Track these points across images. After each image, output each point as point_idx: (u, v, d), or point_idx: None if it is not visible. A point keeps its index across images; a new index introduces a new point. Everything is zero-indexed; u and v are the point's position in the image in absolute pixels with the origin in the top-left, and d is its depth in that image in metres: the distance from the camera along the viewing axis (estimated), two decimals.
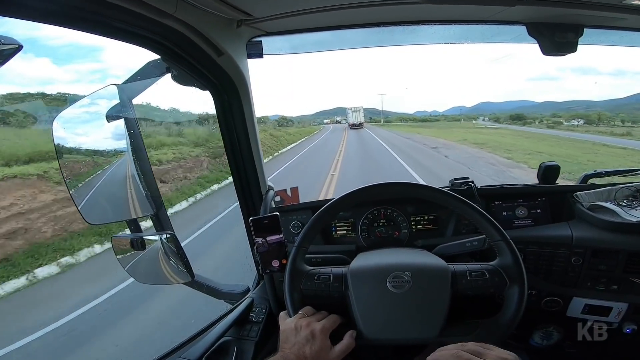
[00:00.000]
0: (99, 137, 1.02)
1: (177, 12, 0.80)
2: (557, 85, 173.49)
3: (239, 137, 1.23)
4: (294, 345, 0.84)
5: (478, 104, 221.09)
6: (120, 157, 1.04)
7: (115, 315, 4.08)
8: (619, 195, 1.28)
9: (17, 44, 0.65)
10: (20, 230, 5.76)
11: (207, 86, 1.11)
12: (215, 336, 1.09)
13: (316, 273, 0.97)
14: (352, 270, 0.96)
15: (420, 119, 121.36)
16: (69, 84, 69.24)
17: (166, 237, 1.10)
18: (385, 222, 1.37)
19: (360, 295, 0.91)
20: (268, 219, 1.08)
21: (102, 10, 0.69)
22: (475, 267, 0.93)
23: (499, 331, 0.86)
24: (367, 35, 1.36)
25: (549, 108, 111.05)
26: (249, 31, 1.15)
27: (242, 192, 1.32)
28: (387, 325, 0.88)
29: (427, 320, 0.87)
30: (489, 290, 0.91)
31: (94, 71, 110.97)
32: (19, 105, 11.45)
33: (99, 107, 0.99)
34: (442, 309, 0.87)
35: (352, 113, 50.30)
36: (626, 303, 1.18)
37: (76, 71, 71.66)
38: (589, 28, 1.21)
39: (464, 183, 1.37)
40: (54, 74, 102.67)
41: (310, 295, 0.96)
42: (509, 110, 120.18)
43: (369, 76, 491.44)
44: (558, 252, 1.21)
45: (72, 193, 0.99)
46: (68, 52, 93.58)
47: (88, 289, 4.73)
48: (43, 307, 4.44)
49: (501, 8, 1.08)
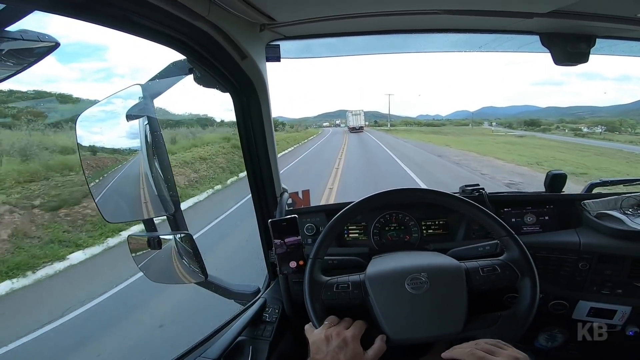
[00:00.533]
0: (121, 136, 1.03)
1: (209, 15, 0.81)
2: (562, 90, 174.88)
3: (257, 139, 1.24)
4: (327, 354, 0.85)
5: (481, 108, 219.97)
6: (138, 156, 1.04)
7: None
8: (624, 204, 1.32)
9: (54, 41, 0.66)
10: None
11: (228, 88, 1.12)
12: (232, 336, 1.10)
13: (334, 282, 0.98)
14: (369, 276, 0.98)
15: (425, 122, 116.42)
16: (74, 82, 68.89)
17: (181, 236, 1.10)
18: (397, 226, 1.39)
19: (381, 299, 0.93)
20: (286, 221, 1.09)
21: (136, 8, 0.70)
22: (486, 262, 0.97)
23: (519, 322, 0.90)
24: (380, 42, 1.38)
25: (553, 113, 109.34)
26: (268, 35, 1.17)
27: (257, 193, 1.32)
28: (411, 326, 0.90)
29: (450, 317, 0.90)
30: (502, 284, 0.95)
31: (99, 70, 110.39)
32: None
33: (122, 106, 1.00)
34: (462, 305, 0.90)
35: (352, 116, 48.91)
36: (630, 306, 1.22)
37: (81, 69, 71.32)
38: (601, 38, 1.24)
39: (474, 190, 1.40)
40: (59, 72, 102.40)
41: (331, 305, 0.97)
42: (513, 115, 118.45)
43: (371, 79, 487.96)
44: (566, 257, 1.25)
45: (91, 189, 0.99)
46: (74, 51, 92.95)
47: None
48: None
49: (518, 20, 1.11)
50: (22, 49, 0.64)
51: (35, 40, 0.64)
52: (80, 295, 4.53)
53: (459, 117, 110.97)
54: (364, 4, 1.03)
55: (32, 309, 4.38)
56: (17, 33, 0.60)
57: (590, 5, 1.02)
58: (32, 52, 0.66)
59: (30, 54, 0.67)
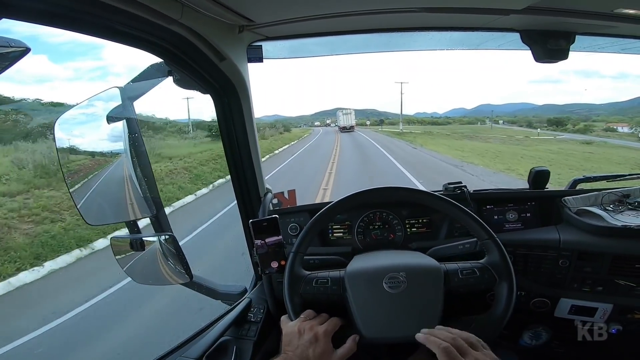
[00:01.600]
0: (101, 139, 1.03)
1: (182, 18, 0.81)
2: (559, 88, 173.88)
3: (239, 139, 1.25)
4: (297, 347, 0.86)
5: (478, 106, 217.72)
6: (120, 159, 1.05)
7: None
8: (605, 200, 1.33)
9: (24, 47, 0.66)
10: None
11: (208, 90, 1.13)
12: (215, 335, 1.11)
13: (314, 277, 0.99)
14: (349, 273, 0.98)
15: (429, 121, 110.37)
16: (69, 81, 68.85)
17: (165, 238, 1.11)
18: (381, 224, 1.40)
19: (358, 297, 0.93)
20: (267, 222, 1.10)
21: (108, 15, 0.70)
22: (466, 265, 0.97)
23: (492, 327, 0.90)
24: (365, 41, 1.39)
25: (550, 111, 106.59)
26: (249, 36, 1.17)
27: (241, 194, 1.33)
28: (385, 325, 0.90)
29: (424, 318, 0.90)
30: (480, 287, 0.96)
31: (95, 69, 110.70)
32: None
33: (101, 109, 1.00)
34: (437, 307, 0.91)
35: (342, 115, 47.31)
36: (611, 304, 1.22)
37: (75, 69, 71.33)
38: (581, 35, 1.25)
39: (457, 187, 1.41)
40: (53, 71, 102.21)
41: (309, 299, 0.98)
42: (511, 112, 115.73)
43: (368, 76, 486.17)
44: (546, 254, 1.26)
45: (72, 192, 0.99)
46: (69, 50, 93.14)
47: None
48: None
49: (496, 17, 1.12)
50: None
51: (6, 45, 0.64)
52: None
53: (457, 114, 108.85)
54: (342, 3, 1.03)
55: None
56: None
57: (565, 1, 1.02)
58: (4, 57, 0.67)
59: (3, 59, 0.67)
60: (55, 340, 3.72)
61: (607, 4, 1.04)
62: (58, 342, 3.72)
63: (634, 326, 1.25)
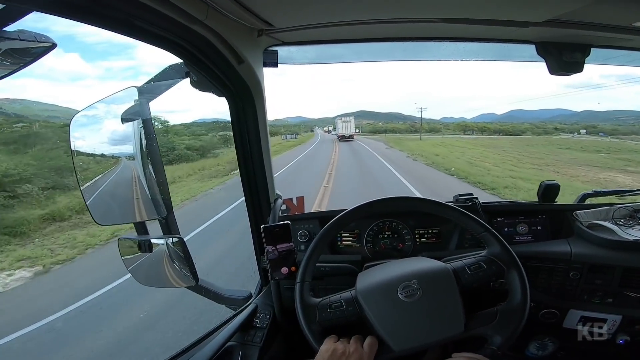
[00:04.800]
0: (115, 139, 1.02)
1: (207, 19, 0.81)
2: (599, 94, 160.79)
3: (252, 144, 1.24)
4: None
5: (510, 111, 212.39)
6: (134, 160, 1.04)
7: None
8: (616, 214, 1.33)
9: (50, 42, 0.66)
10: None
11: (224, 93, 1.12)
12: (221, 341, 1.09)
13: (327, 303, 0.96)
14: (360, 291, 0.96)
15: (479, 126, 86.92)
16: (100, 79, 69.71)
17: (173, 240, 1.10)
18: (390, 234, 1.40)
19: (377, 312, 0.91)
20: (279, 228, 1.09)
21: (134, 10, 0.69)
22: (471, 260, 0.98)
23: (517, 315, 0.91)
24: (381, 50, 1.39)
25: (591, 118, 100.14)
26: (266, 40, 1.17)
27: (251, 198, 1.32)
28: (413, 334, 0.89)
29: (449, 319, 0.90)
30: (491, 279, 0.98)
31: (127, 68, 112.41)
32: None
33: (117, 109, 0.99)
34: (458, 305, 0.91)
35: (341, 123, 45.43)
36: (620, 315, 1.24)
37: (108, 68, 72.37)
38: (596, 48, 1.25)
39: (468, 199, 1.40)
40: (86, 70, 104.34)
41: (328, 325, 0.95)
42: (546, 119, 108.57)
43: (393, 80, 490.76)
44: (557, 266, 1.27)
45: (83, 190, 0.98)
46: (104, 50, 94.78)
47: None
48: None
49: (515, 29, 1.12)
50: (19, 49, 0.64)
51: (33, 40, 0.64)
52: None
53: (485, 120, 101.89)
54: (361, 12, 1.04)
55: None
56: (14, 33, 0.61)
57: (585, 15, 1.02)
58: (29, 52, 0.67)
59: (27, 54, 0.67)
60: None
61: (625, 18, 1.05)
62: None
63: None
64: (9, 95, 13.86)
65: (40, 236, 7.94)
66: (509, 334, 0.88)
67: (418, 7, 1.02)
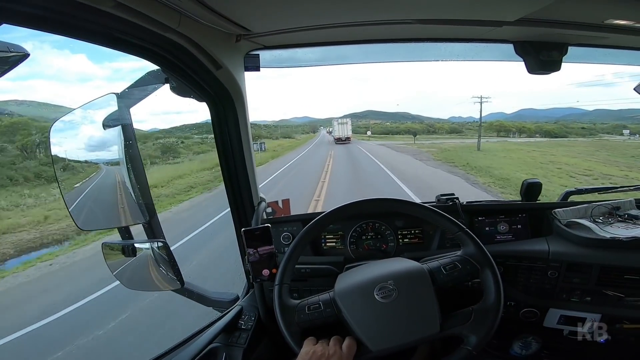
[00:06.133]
0: (96, 145, 1.03)
1: (180, 27, 0.82)
2: (612, 92, 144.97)
3: (233, 148, 1.25)
4: None
5: (519, 110, 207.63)
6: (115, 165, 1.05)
7: None
8: (595, 212, 1.34)
9: (23, 52, 0.67)
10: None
11: (204, 98, 1.13)
12: (205, 342, 1.10)
13: (305, 304, 0.97)
14: (338, 292, 0.97)
15: (517, 126, 68.18)
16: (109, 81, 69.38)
17: (157, 244, 1.11)
18: (374, 235, 1.41)
19: (354, 314, 0.93)
20: (260, 230, 1.11)
21: (107, 22, 0.70)
22: (446, 260, 0.99)
23: (492, 314, 0.92)
24: (362, 51, 1.40)
25: (604, 116, 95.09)
26: (247, 45, 1.18)
27: (235, 202, 1.33)
28: (390, 334, 0.90)
29: (425, 319, 0.91)
30: (466, 279, 0.99)
31: (136, 69, 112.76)
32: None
33: (97, 115, 1.00)
34: (434, 305, 0.91)
35: (338, 125, 42.99)
36: (599, 314, 1.24)
37: (116, 69, 72.02)
38: (573, 46, 1.27)
39: (449, 199, 1.41)
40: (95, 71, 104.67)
41: (307, 326, 0.96)
42: (558, 118, 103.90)
43: (399, 79, 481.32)
44: (535, 265, 1.27)
45: (65, 197, 0.99)
46: (110, 51, 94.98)
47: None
48: None
49: (489, 28, 1.13)
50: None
51: (5, 50, 0.65)
52: None
53: (494, 119, 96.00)
54: (338, 15, 1.05)
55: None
56: None
57: (558, 13, 1.03)
58: (2, 61, 0.67)
59: (2, 63, 0.68)
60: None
61: (597, 15, 1.06)
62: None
63: (622, 336, 1.26)
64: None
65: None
66: (484, 334, 0.89)
67: (393, 9, 1.02)
